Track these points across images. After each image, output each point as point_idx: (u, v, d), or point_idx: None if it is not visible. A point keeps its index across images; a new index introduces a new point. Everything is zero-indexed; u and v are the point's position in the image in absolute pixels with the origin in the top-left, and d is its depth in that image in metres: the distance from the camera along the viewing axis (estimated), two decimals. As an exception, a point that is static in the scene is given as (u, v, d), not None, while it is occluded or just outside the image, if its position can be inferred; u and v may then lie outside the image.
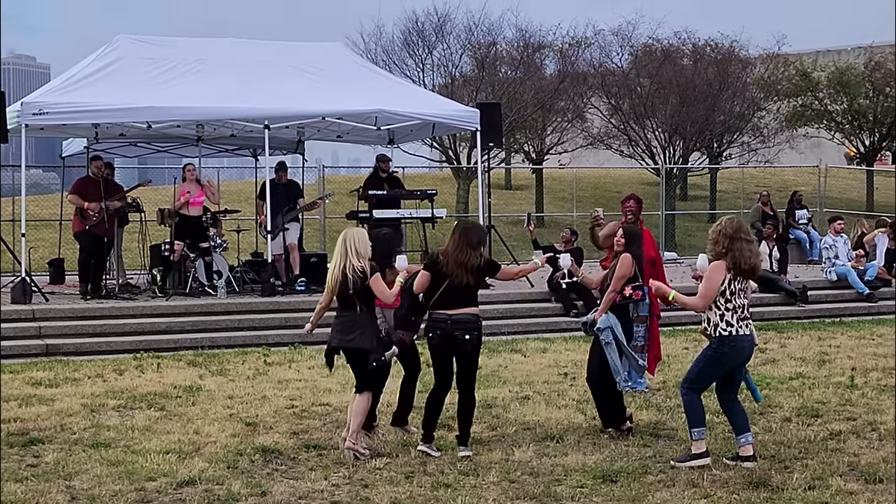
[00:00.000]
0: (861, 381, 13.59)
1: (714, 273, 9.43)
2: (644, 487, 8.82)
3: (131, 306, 18.10)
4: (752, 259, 9.42)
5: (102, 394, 12.89)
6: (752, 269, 9.47)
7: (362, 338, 10.00)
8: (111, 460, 9.69)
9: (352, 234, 10.11)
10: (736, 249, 9.36)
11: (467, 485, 8.95)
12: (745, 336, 9.51)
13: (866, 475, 9.09)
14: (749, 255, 9.39)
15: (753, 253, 9.45)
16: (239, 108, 19.18)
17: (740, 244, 9.37)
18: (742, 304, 9.47)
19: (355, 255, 9.93)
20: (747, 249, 9.39)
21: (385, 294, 9.99)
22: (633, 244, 11.14)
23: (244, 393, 13.00)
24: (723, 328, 9.42)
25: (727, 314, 9.41)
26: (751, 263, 9.41)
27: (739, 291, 9.44)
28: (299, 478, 9.20)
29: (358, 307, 10.01)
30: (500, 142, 23.16)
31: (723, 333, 9.43)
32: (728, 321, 9.41)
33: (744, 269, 9.39)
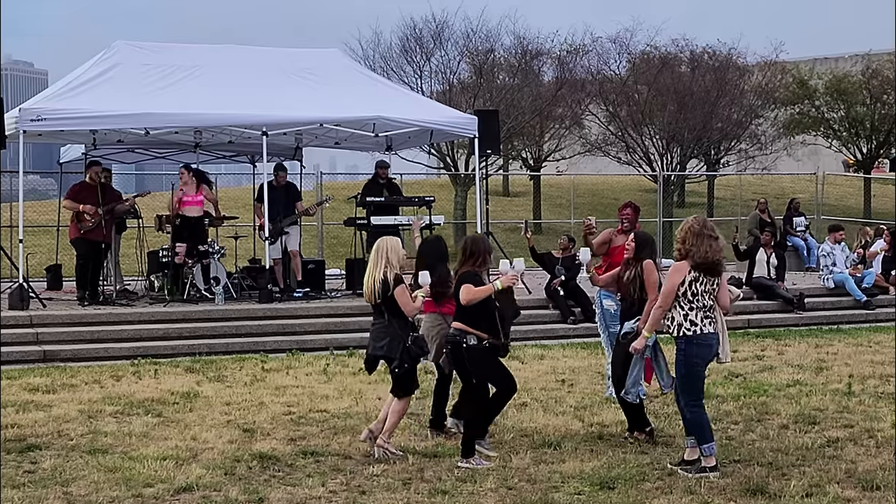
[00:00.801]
0: (858, 388, 13.60)
1: (674, 273, 9.47)
2: (642, 494, 8.82)
3: (129, 312, 18.10)
4: (715, 255, 9.38)
5: (100, 400, 12.88)
6: (715, 265, 9.42)
7: (389, 346, 10.17)
8: (108, 466, 9.68)
9: (383, 243, 10.28)
10: (700, 246, 9.35)
11: (465, 491, 8.95)
12: (710, 334, 9.48)
13: (864, 482, 9.08)
14: (710, 251, 9.35)
15: (715, 249, 9.40)
16: (237, 115, 19.20)
17: (705, 241, 9.36)
18: (709, 304, 9.44)
19: (384, 265, 10.11)
20: (710, 246, 9.36)
21: (408, 306, 10.08)
22: (646, 249, 11.04)
23: (241, 399, 13.00)
24: (686, 328, 9.43)
25: (691, 313, 9.42)
26: (713, 259, 9.38)
27: (704, 293, 9.42)
28: (296, 484, 9.19)
29: (386, 316, 10.20)
30: (498, 149, 23.17)
31: (687, 333, 9.44)
32: (692, 320, 9.42)
33: (707, 266, 9.37)
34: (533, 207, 39.40)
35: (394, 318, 10.17)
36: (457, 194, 35.55)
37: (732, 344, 17.40)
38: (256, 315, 18.50)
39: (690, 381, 9.59)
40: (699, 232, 9.41)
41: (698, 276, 9.42)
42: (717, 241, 9.46)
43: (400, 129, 20.65)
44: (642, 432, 10.79)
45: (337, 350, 17.04)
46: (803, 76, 44.19)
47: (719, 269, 9.54)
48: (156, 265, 20.34)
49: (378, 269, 10.11)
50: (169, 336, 17.39)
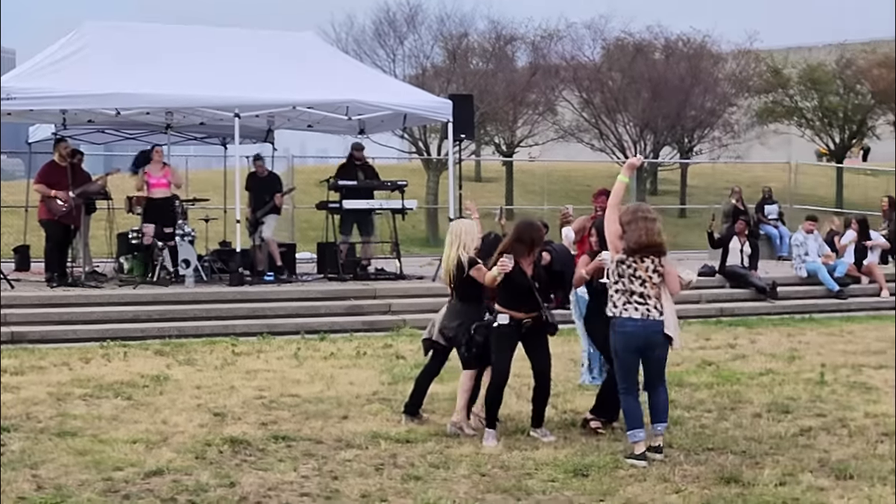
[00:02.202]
0: (831, 377, 13.60)
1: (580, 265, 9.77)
2: (615, 482, 8.77)
3: (98, 294, 17.97)
4: (649, 237, 9.27)
5: (68, 382, 12.76)
6: (648, 246, 9.31)
7: (458, 330, 10.35)
8: (78, 449, 9.57)
9: (457, 226, 10.50)
10: (633, 230, 9.29)
11: (438, 478, 8.88)
12: (630, 319, 9.34)
13: (837, 471, 9.06)
14: (644, 234, 9.26)
15: (650, 231, 9.28)
16: (209, 96, 19.06)
17: (639, 224, 9.29)
18: (634, 290, 9.32)
19: (460, 247, 10.29)
20: (646, 228, 9.28)
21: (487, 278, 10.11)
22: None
23: (212, 383, 12.90)
24: (610, 307, 9.43)
25: (615, 295, 9.38)
26: (647, 241, 9.28)
27: (633, 277, 9.32)
28: (268, 469, 9.10)
29: (456, 297, 10.42)
30: (472, 134, 23.09)
31: (609, 314, 9.46)
32: (614, 302, 9.38)
33: (640, 248, 9.28)
34: (505, 193, 39.38)
35: (465, 302, 10.35)
36: (429, 179, 35.49)
37: (705, 332, 17.60)
38: (227, 298, 18.40)
39: (617, 367, 9.62)
40: (632, 218, 9.35)
41: (624, 259, 9.34)
42: (653, 222, 9.34)
43: (373, 113, 20.57)
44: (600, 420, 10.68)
45: (308, 334, 16.96)
46: (777, 65, 44.30)
47: (656, 249, 9.38)
48: (125, 247, 20.20)
49: (453, 250, 10.31)
50: (139, 318, 17.27)
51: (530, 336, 10.24)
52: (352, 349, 15.53)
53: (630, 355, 9.46)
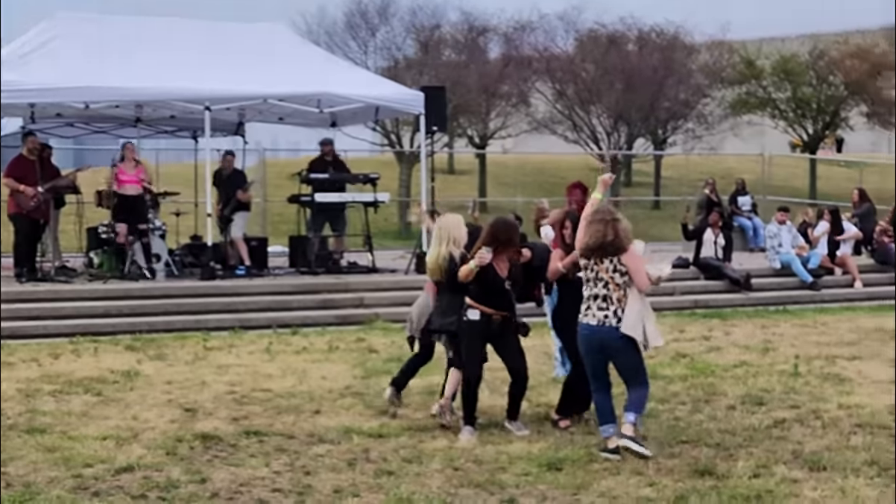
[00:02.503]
0: (804, 369, 13.61)
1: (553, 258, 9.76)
2: (589, 475, 8.74)
3: (67, 289, 17.84)
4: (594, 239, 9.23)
5: (38, 378, 12.66)
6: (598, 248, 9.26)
7: (451, 323, 10.32)
8: (47, 446, 9.49)
9: (445, 221, 10.48)
10: (587, 233, 9.31)
11: (411, 472, 8.84)
12: (587, 326, 9.35)
13: (810, 463, 9.06)
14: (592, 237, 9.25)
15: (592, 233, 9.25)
16: (179, 89, 18.93)
17: (591, 226, 9.29)
18: (597, 294, 9.29)
19: (449, 242, 10.26)
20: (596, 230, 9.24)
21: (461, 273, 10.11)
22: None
23: (183, 378, 12.82)
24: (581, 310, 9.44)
25: (584, 299, 9.40)
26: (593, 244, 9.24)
27: (596, 280, 9.29)
28: (240, 464, 9.04)
29: (451, 291, 10.30)
30: (444, 126, 23.03)
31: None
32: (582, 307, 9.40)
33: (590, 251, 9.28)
34: (479, 185, 39.35)
35: (458, 295, 10.25)
36: (401, 171, 35.43)
37: (679, 324, 17.59)
38: (198, 292, 18.29)
39: (587, 368, 9.61)
40: (588, 221, 9.37)
41: (587, 264, 9.34)
42: (604, 224, 9.25)
43: (345, 106, 20.45)
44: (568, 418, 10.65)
45: (280, 328, 16.89)
46: (750, 56, 44.39)
47: (604, 251, 9.28)
48: (95, 241, 20.05)
49: (444, 246, 10.25)
50: (109, 313, 17.14)
51: (500, 335, 10.19)
52: (324, 343, 15.48)
53: (592, 357, 9.47)
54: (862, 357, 14.60)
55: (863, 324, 18.00)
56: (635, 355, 9.45)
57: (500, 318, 10.10)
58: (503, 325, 10.12)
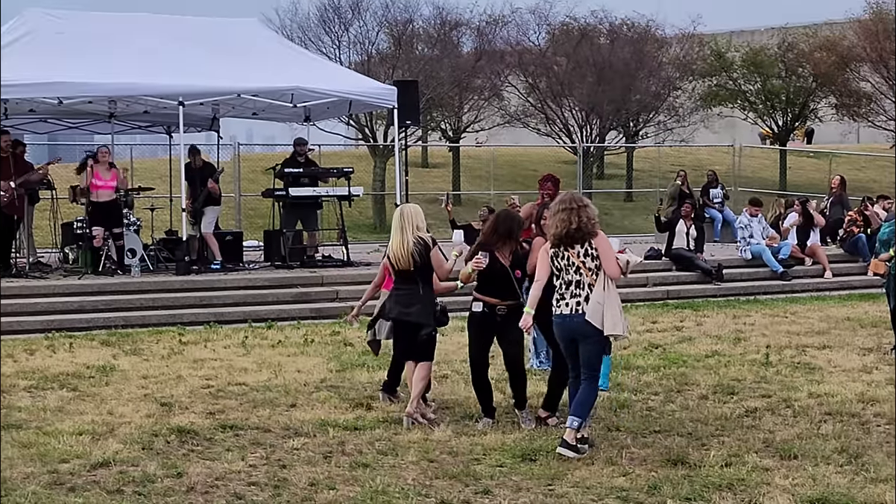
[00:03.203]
0: (775, 358, 13.73)
1: (534, 250, 9.63)
2: (563, 466, 8.82)
3: (42, 285, 17.83)
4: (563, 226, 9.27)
5: (13, 374, 12.65)
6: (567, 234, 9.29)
7: (421, 312, 10.30)
8: (23, 442, 9.51)
9: (408, 209, 10.41)
10: (554, 222, 9.35)
11: (386, 464, 8.90)
12: (559, 315, 9.38)
13: (781, 451, 9.17)
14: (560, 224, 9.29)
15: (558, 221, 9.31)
16: (153, 85, 18.92)
17: (557, 215, 9.33)
18: (570, 280, 9.31)
19: (415, 229, 10.23)
20: (561, 219, 9.29)
21: (442, 267, 10.27)
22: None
23: (159, 373, 12.84)
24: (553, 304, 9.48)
25: (555, 290, 9.44)
26: (562, 232, 9.28)
27: (568, 267, 9.31)
28: (216, 458, 9.08)
29: (418, 281, 10.29)
30: (417, 120, 23.07)
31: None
32: (556, 298, 9.43)
33: (559, 238, 9.32)
34: (452, 179, 39.33)
35: (425, 284, 10.30)
36: (375, 165, 35.38)
37: (652, 315, 17.69)
38: (173, 287, 18.31)
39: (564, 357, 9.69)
40: (554, 211, 9.42)
41: (557, 252, 9.37)
42: (570, 212, 9.29)
43: (318, 100, 20.49)
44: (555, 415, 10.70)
45: (255, 322, 16.92)
46: (720, 49, 44.45)
47: (575, 236, 9.30)
48: (70, 237, 20.02)
49: (408, 234, 10.21)
50: (84, 309, 17.15)
51: (504, 323, 10.19)
52: (299, 337, 15.50)
53: (567, 346, 9.53)
54: (832, 346, 14.73)
55: (833, 313, 18.14)
56: (595, 347, 9.38)
57: (504, 308, 10.15)
58: (509, 314, 10.13)
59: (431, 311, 10.39)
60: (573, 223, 9.27)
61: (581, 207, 9.33)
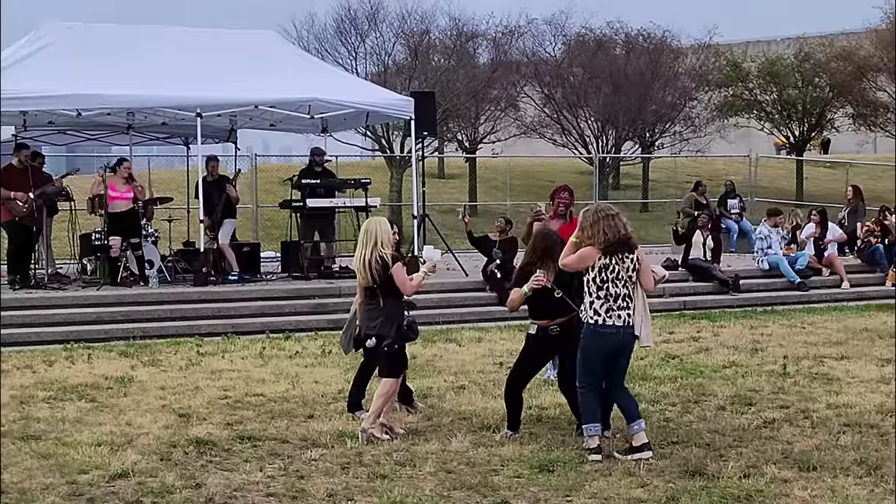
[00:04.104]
0: (793, 369, 13.70)
1: (584, 258, 9.38)
2: (581, 477, 8.82)
3: (61, 296, 17.89)
4: (616, 231, 9.28)
5: (32, 385, 12.70)
6: (622, 241, 9.33)
7: (382, 325, 10.18)
8: (42, 453, 9.54)
9: (373, 225, 10.27)
10: (599, 230, 9.29)
11: (404, 475, 8.91)
12: (612, 326, 9.36)
13: (800, 463, 9.15)
14: (609, 230, 9.27)
15: (615, 226, 9.30)
16: (171, 96, 18.99)
17: (601, 222, 9.30)
18: (619, 293, 9.34)
19: (375, 245, 10.11)
20: (609, 224, 9.28)
21: (405, 285, 10.14)
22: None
23: (177, 384, 12.87)
24: (590, 315, 9.39)
25: (596, 302, 9.35)
26: (616, 238, 9.28)
27: (616, 280, 9.34)
28: (234, 469, 9.10)
29: (380, 297, 10.20)
30: (434, 131, 23.12)
31: (589, 322, 9.40)
32: (596, 309, 9.35)
33: (613, 245, 9.30)
34: (468, 189, 39.36)
35: (387, 299, 10.19)
36: (392, 176, 35.41)
37: (668, 325, 17.68)
38: (191, 298, 18.34)
39: (582, 366, 9.55)
40: (594, 219, 9.36)
41: (608, 264, 9.34)
42: (615, 217, 9.35)
43: (335, 111, 20.54)
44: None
45: (273, 333, 16.94)
46: (736, 59, 44.43)
47: (629, 243, 9.40)
48: (88, 248, 20.08)
49: (367, 249, 10.10)
50: (102, 320, 17.20)
51: (565, 340, 10.12)
52: (317, 348, 15.52)
53: (606, 358, 9.49)
54: (850, 357, 14.69)
55: (850, 324, 18.10)
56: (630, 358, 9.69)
57: (557, 327, 10.11)
58: (563, 331, 10.09)
59: (394, 326, 10.20)
60: (621, 230, 9.33)
61: (620, 215, 9.41)
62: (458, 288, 19.92)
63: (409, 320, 10.38)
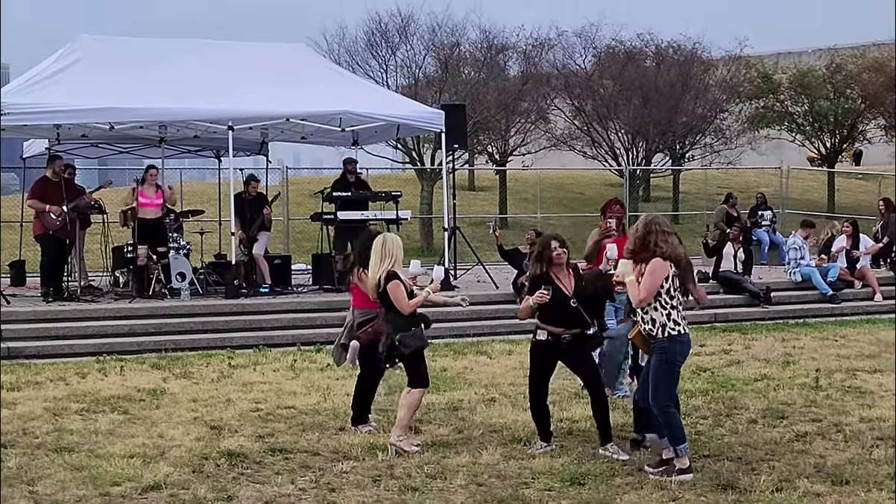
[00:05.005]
0: (825, 382, 13.65)
1: (659, 270, 9.31)
2: (612, 490, 8.81)
3: (93, 308, 17.98)
4: (677, 249, 9.36)
5: (65, 397, 12.77)
6: (681, 259, 9.40)
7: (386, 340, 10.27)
8: (75, 465, 9.60)
9: (378, 242, 10.37)
10: (660, 242, 9.30)
11: (434, 488, 8.92)
12: (687, 335, 9.47)
13: (833, 477, 9.11)
14: (674, 247, 9.34)
15: (676, 244, 9.38)
16: (203, 109, 19.09)
17: (664, 237, 9.32)
18: (680, 301, 9.41)
19: (374, 264, 10.22)
20: (671, 241, 9.33)
21: (401, 303, 10.17)
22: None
23: (208, 396, 12.92)
24: (671, 327, 9.35)
25: (672, 312, 9.35)
26: (678, 253, 9.35)
27: (678, 290, 9.39)
28: (265, 482, 9.13)
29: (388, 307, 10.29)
30: (464, 143, 23.15)
31: (672, 333, 9.36)
32: (675, 320, 9.36)
33: (676, 260, 9.33)
34: (499, 202, 39.35)
35: (389, 312, 10.26)
36: (423, 189, 35.44)
37: (700, 338, 17.62)
38: (223, 311, 18.41)
39: (669, 381, 9.49)
40: (663, 230, 9.37)
41: (676, 272, 9.38)
42: (674, 235, 9.43)
43: (366, 124, 20.60)
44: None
45: (304, 346, 16.98)
46: (767, 71, 44.27)
47: (688, 263, 9.49)
48: (121, 261, 20.18)
49: (382, 267, 10.19)
50: (134, 332, 17.28)
51: (571, 352, 10.18)
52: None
53: (679, 371, 9.59)
54: (882, 370, 14.62)
55: (883, 336, 18.00)
56: None
57: (569, 336, 10.12)
58: (574, 342, 10.12)
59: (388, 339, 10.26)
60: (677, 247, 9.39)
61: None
62: (488, 300, 19.91)
63: (403, 335, 10.19)
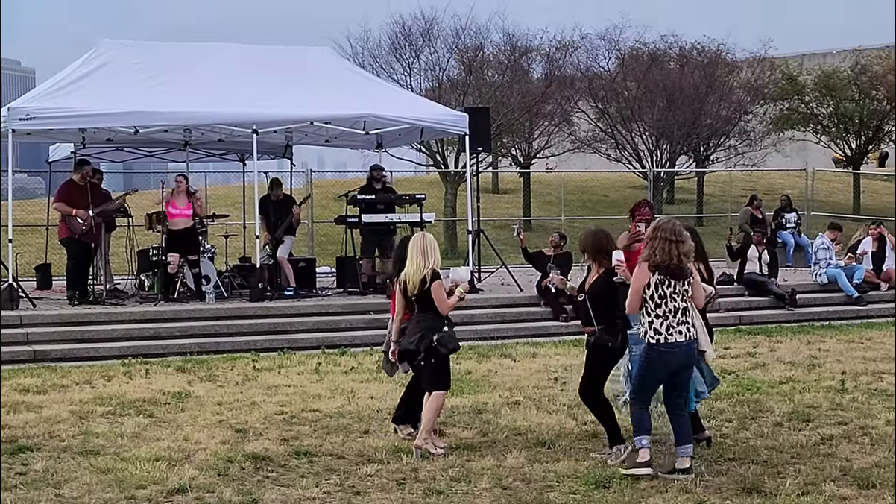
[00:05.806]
0: (851, 385, 13.59)
1: (639, 276, 9.31)
2: (637, 493, 8.79)
3: (119, 312, 18.04)
4: (671, 259, 9.24)
5: (91, 400, 12.82)
6: (675, 269, 9.29)
7: (419, 341, 10.23)
8: (100, 468, 9.63)
9: (418, 239, 10.38)
10: (657, 249, 9.25)
11: (459, 491, 8.92)
12: (676, 343, 9.30)
13: (859, 480, 9.07)
14: (667, 255, 9.23)
15: (673, 253, 9.24)
16: (227, 113, 19.16)
17: (662, 244, 9.25)
18: (676, 308, 9.30)
19: (419, 261, 10.20)
20: (670, 250, 9.23)
21: (443, 304, 10.18)
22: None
23: (233, 399, 12.95)
24: (651, 335, 9.30)
25: (655, 321, 9.27)
26: (670, 264, 9.25)
27: (673, 294, 9.29)
28: (290, 485, 9.15)
29: (421, 308, 10.27)
30: (488, 146, 23.16)
31: (650, 341, 9.31)
32: (656, 328, 9.27)
33: (665, 269, 9.26)
34: (523, 205, 39.33)
35: (428, 311, 10.25)
36: (447, 192, 35.45)
37: (725, 341, 17.60)
38: (247, 314, 18.44)
39: (641, 384, 9.51)
40: (658, 236, 9.31)
41: (663, 279, 9.30)
42: (677, 244, 9.27)
43: (391, 127, 20.62)
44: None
45: (328, 349, 17.01)
46: (792, 72, 44.14)
47: (681, 273, 9.35)
48: (146, 264, 20.26)
49: (428, 264, 10.17)
50: (160, 335, 17.33)
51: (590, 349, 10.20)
52: (372, 363, 15.55)
53: (667, 374, 9.46)
54: (909, 373, 14.55)
55: (910, 339, 17.93)
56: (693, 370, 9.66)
57: (589, 336, 10.13)
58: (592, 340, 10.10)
59: (425, 340, 10.22)
60: (674, 259, 9.28)
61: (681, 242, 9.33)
62: (512, 303, 19.92)
63: (440, 335, 10.23)
